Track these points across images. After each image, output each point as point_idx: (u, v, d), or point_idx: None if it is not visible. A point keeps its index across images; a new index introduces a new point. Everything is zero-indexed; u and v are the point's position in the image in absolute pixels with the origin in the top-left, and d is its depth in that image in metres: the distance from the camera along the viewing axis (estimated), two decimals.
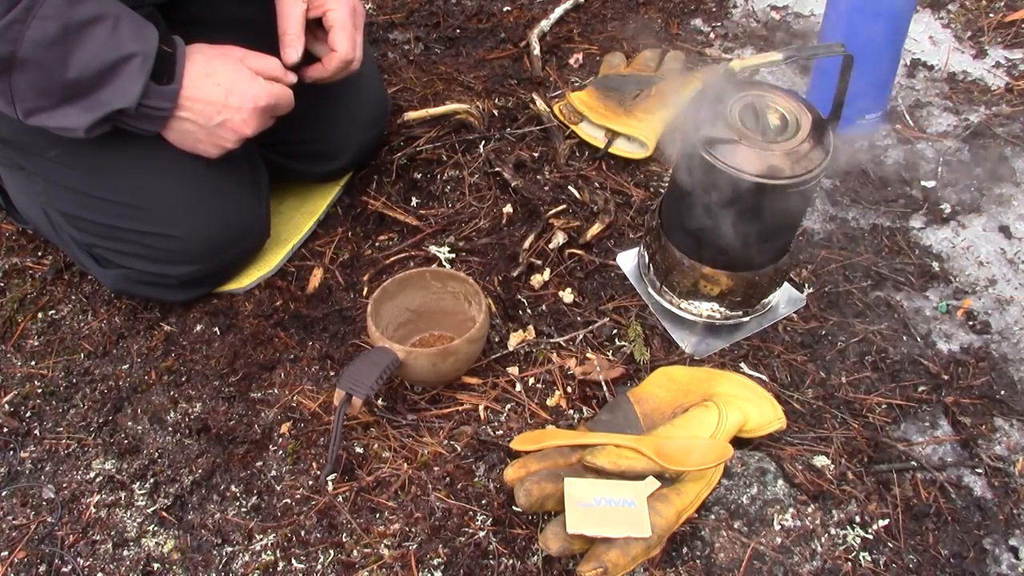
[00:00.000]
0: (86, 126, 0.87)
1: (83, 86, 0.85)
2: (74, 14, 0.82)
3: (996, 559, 0.89)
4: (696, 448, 0.87)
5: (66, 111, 0.86)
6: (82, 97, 0.86)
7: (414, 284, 1.05)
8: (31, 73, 0.83)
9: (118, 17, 0.86)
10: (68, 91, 0.85)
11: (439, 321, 1.08)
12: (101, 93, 0.86)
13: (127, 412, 1.04)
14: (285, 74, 1.01)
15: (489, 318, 1.02)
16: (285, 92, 1.00)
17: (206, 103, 0.94)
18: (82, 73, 0.84)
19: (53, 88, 0.84)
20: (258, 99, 0.96)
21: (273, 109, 0.99)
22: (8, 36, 0.80)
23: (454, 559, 0.89)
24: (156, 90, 0.90)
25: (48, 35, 0.81)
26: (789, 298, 1.11)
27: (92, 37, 0.84)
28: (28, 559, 0.92)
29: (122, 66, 0.85)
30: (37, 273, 1.20)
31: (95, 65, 0.84)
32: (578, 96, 1.35)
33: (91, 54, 0.84)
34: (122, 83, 0.86)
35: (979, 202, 1.24)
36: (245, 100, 0.95)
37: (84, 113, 0.87)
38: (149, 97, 0.89)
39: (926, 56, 1.49)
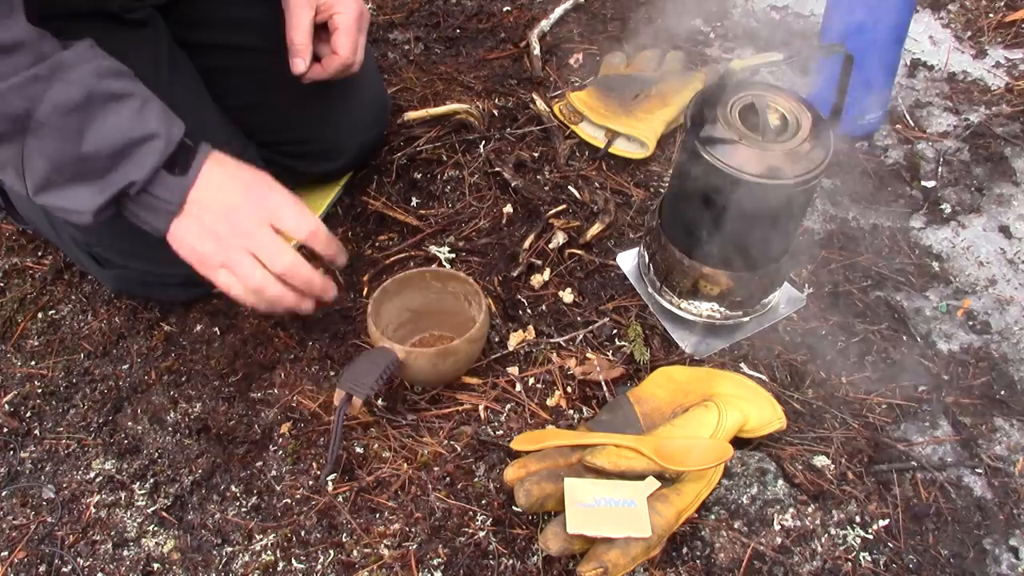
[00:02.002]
0: (95, 208, 0.81)
1: (98, 163, 0.79)
2: (101, 85, 0.79)
3: (996, 559, 0.89)
4: (696, 448, 0.87)
5: (76, 190, 0.80)
6: (95, 176, 0.80)
7: (414, 284, 1.05)
8: (46, 140, 0.77)
9: (147, 100, 0.82)
10: (82, 167, 0.79)
11: (440, 321, 1.08)
12: (114, 173, 0.80)
13: (127, 412, 1.04)
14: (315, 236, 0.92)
15: (489, 318, 1.02)
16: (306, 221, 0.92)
17: (215, 197, 0.86)
18: (100, 148, 0.79)
19: (67, 161, 0.79)
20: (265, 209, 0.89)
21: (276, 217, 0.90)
22: (28, 91, 0.75)
23: (454, 559, 0.89)
24: (166, 179, 0.83)
25: (71, 100, 0.77)
26: (789, 298, 1.11)
27: (116, 111, 0.80)
28: (28, 559, 0.92)
29: (141, 145, 0.80)
30: (37, 273, 1.20)
31: (114, 141, 0.79)
32: (578, 96, 1.35)
33: (112, 128, 0.79)
34: (136, 161, 0.80)
35: (979, 202, 1.24)
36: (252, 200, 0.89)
37: (96, 194, 0.81)
38: (157, 184, 0.83)
39: (926, 56, 1.49)
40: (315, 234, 0.92)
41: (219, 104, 1.10)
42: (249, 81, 1.12)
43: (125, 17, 0.96)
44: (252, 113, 1.13)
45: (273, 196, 0.90)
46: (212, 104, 1.09)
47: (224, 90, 1.10)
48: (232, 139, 1.10)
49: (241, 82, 1.11)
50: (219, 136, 1.07)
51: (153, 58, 0.99)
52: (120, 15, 0.95)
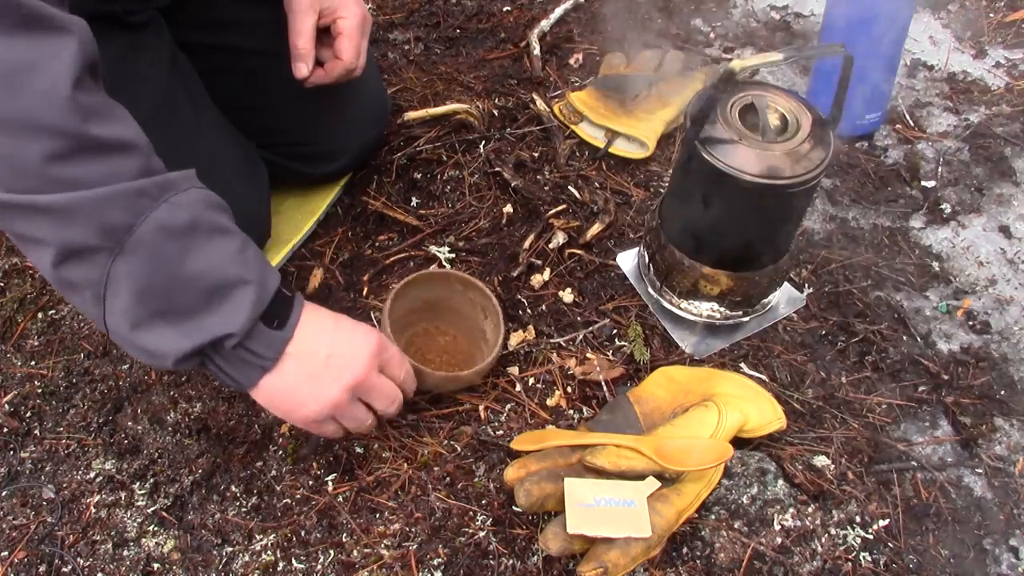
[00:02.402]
0: (178, 355, 0.72)
1: (190, 300, 0.71)
2: (208, 215, 0.72)
3: (996, 559, 0.89)
4: (696, 448, 0.87)
5: (161, 331, 0.71)
6: (184, 316, 0.71)
7: (438, 280, 1.06)
8: (139, 263, 0.68)
9: (247, 242, 0.76)
10: (172, 301, 0.71)
11: (450, 320, 1.08)
12: (207, 317, 0.71)
13: (127, 412, 1.04)
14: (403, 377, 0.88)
15: (501, 350, 1.01)
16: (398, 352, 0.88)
17: (313, 339, 0.79)
18: (196, 282, 0.70)
19: (158, 290, 0.70)
20: (369, 336, 0.83)
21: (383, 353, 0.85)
22: (134, 205, 0.67)
23: (454, 559, 0.89)
24: (263, 332, 0.75)
25: (177, 223, 0.69)
26: (789, 298, 1.11)
27: (219, 246, 0.72)
28: (28, 559, 0.92)
29: (238, 290, 0.72)
30: (37, 273, 1.20)
31: (212, 277, 0.71)
32: (578, 96, 1.35)
33: (212, 263, 0.71)
34: (233, 309, 0.72)
35: (979, 202, 1.24)
36: (354, 336, 0.83)
37: (181, 338, 0.71)
38: (253, 339, 0.74)
39: (926, 56, 1.49)
40: (410, 377, 0.89)
41: (219, 105, 1.10)
42: (250, 83, 1.12)
43: (127, 20, 0.96)
44: (252, 114, 1.13)
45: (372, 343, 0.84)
46: (213, 105, 1.09)
47: (225, 91, 1.10)
48: (232, 140, 1.10)
49: (242, 84, 1.12)
50: (219, 137, 1.07)
51: (155, 60, 0.99)
52: (122, 18, 0.95)
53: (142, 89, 0.94)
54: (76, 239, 0.67)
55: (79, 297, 0.71)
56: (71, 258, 0.68)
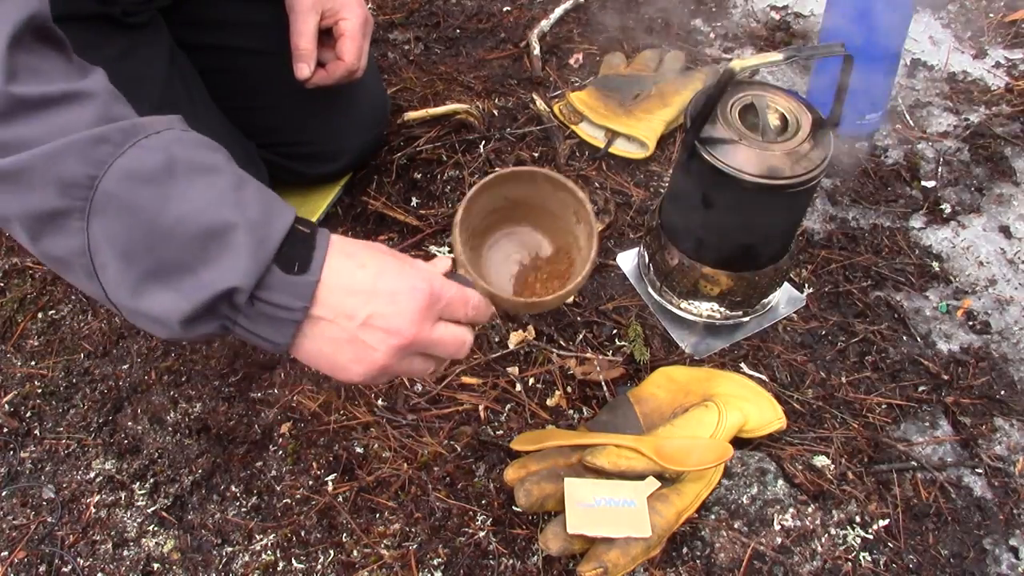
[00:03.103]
0: (182, 316, 0.60)
1: (178, 251, 0.60)
2: (187, 153, 0.62)
3: (996, 559, 0.89)
4: (696, 448, 0.87)
5: (157, 293, 0.61)
6: (177, 272, 0.60)
7: (522, 179, 0.87)
8: (113, 220, 0.59)
9: (245, 180, 0.64)
10: (159, 259, 0.60)
11: (537, 219, 0.90)
12: (203, 271, 0.60)
13: (127, 412, 1.04)
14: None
15: (594, 264, 0.83)
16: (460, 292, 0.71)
17: (347, 292, 0.65)
18: (177, 229, 0.60)
19: (139, 249, 0.60)
20: (416, 290, 0.67)
21: (439, 303, 0.69)
22: (92, 154, 0.59)
23: (454, 559, 0.89)
24: (283, 280, 0.62)
25: (146, 167, 0.60)
26: (789, 298, 1.11)
27: (205, 185, 0.61)
28: (28, 559, 0.92)
29: (234, 234, 0.60)
30: (37, 273, 1.20)
31: (200, 222, 0.60)
32: (578, 96, 1.35)
33: (197, 206, 0.60)
34: (234, 257, 0.60)
35: (979, 202, 1.24)
36: (400, 285, 0.67)
37: (180, 299, 0.60)
38: (271, 288, 0.62)
39: (926, 56, 1.49)
40: (480, 308, 0.74)
41: (219, 105, 1.10)
42: (250, 83, 1.12)
43: (127, 20, 0.96)
44: (252, 114, 1.13)
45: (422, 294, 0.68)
46: (213, 105, 1.09)
47: (225, 91, 1.10)
48: (232, 140, 1.10)
49: (242, 84, 1.12)
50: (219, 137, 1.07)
51: (155, 60, 0.99)
52: (122, 19, 0.95)
53: (142, 89, 0.94)
54: (38, 205, 0.59)
55: (73, 275, 0.63)
56: (44, 229, 0.61)
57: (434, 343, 0.70)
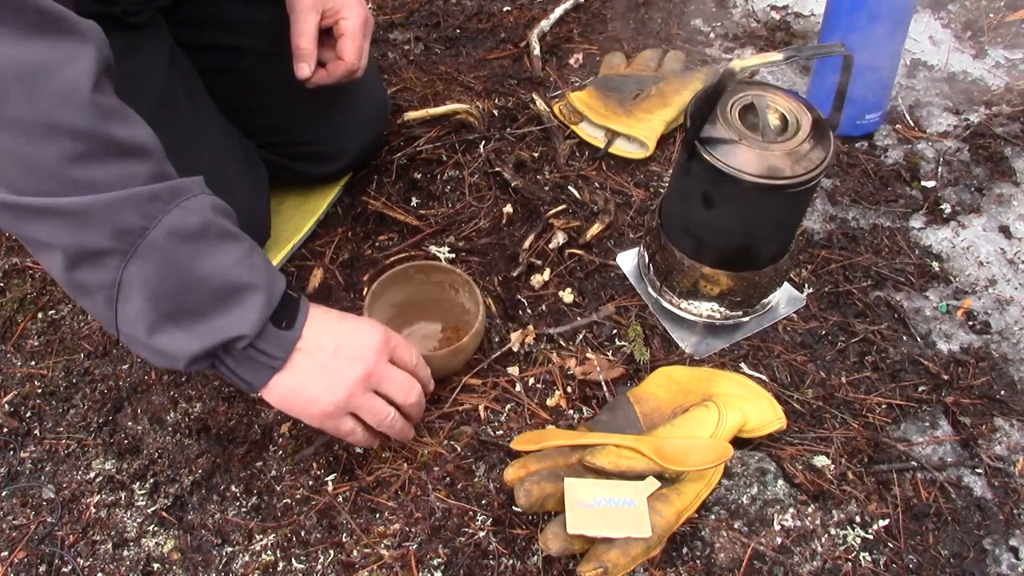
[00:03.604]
0: (190, 356, 0.73)
1: (201, 302, 0.72)
2: (218, 220, 0.73)
3: (996, 559, 0.89)
4: (696, 448, 0.87)
5: (173, 333, 0.72)
6: (194, 318, 0.72)
7: (399, 280, 1.04)
8: (151, 267, 0.69)
9: (254, 246, 0.77)
10: (182, 305, 0.72)
11: (424, 311, 1.08)
12: (217, 319, 0.72)
13: (127, 412, 1.04)
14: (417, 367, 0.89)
15: (484, 306, 1.01)
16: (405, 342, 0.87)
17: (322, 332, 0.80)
18: (207, 285, 0.71)
19: (169, 293, 0.71)
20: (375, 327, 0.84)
21: (390, 341, 0.85)
22: (147, 209, 0.68)
23: (454, 559, 0.89)
24: (273, 333, 0.76)
25: (188, 227, 0.70)
26: (789, 298, 1.11)
27: (228, 250, 0.73)
28: (28, 559, 0.92)
29: (248, 294, 0.73)
30: (37, 273, 1.20)
31: (221, 280, 0.72)
32: (578, 96, 1.35)
33: (223, 267, 0.72)
34: (243, 312, 0.73)
35: (979, 202, 1.24)
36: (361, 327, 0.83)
37: (192, 340, 0.72)
38: (264, 339, 0.75)
39: (926, 56, 1.49)
40: (422, 363, 0.90)
41: (220, 105, 1.10)
42: (250, 83, 1.12)
43: (127, 20, 0.96)
44: (252, 114, 1.13)
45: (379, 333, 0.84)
46: (213, 105, 1.09)
47: (225, 91, 1.10)
48: (232, 140, 1.10)
49: (242, 84, 1.12)
50: (219, 137, 1.07)
51: (155, 60, 0.99)
52: (122, 18, 0.95)
53: (142, 89, 0.94)
54: (90, 242, 0.67)
55: (90, 300, 0.71)
56: (84, 261, 0.68)
57: (390, 377, 0.84)
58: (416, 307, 1.08)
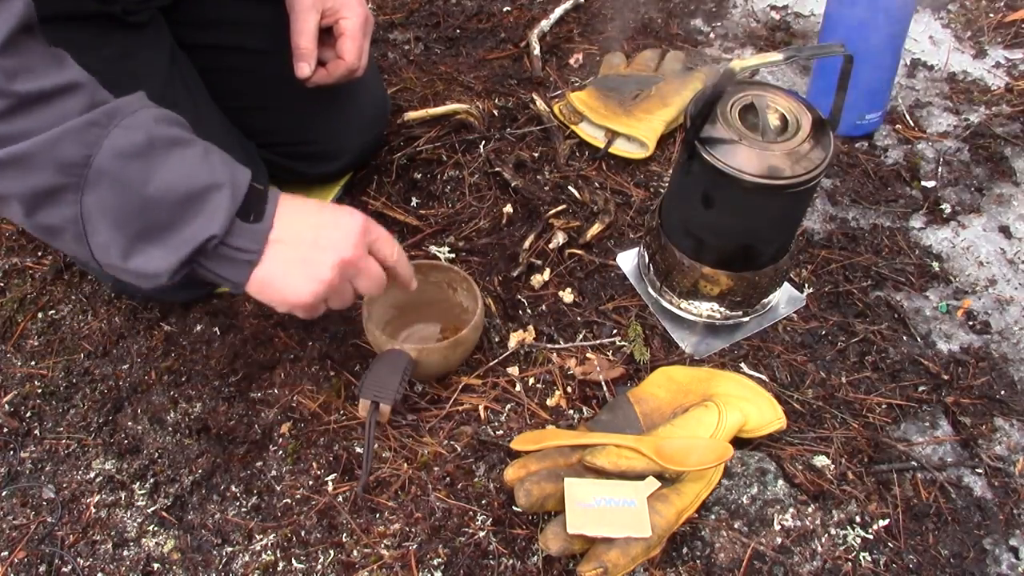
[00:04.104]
0: (171, 269, 0.73)
1: (165, 215, 0.72)
2: (162, 130, 0.73)
3: (996, 559, 0.89)
4: (696, 448, 0.87)
5: (148, 252, 0.73)
6: (164, 232, 0.73)
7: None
8: (106, 193, 0.70)
9: (208, 146, 0.76)
10: (148, 221, 0.72)
11: (423, 313, 1.08)
12: (184, 228, 0.73)
13: (127, 412, 1.04)
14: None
15: (484, 302, 1.03)
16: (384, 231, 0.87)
17: (300, 223, 0.80)
18: (166, 196, 0.71)
19: (131, 215, 0.71)
20: (354, 215, 0.83)
21: (370, 233, 0.84)
22: (86, 137, 0.68)
23: (454, 559, 0.89)
24: (242, 228, 0.76)
25: (133, 145, 0.70)
26: (789, 298, 1.11)
27: (181, 157, 0.73)
28: (28, 559, 0.92)
29: (210, 194, 0.73)
30: (37, 273, 1.20)
31: (181, 188, 0.72)
32: (578, 96, 1.35)
33: (178, 175, 0.72)
34: (209, 212, 0.73)
35: (979, 202, 1.24)
36: (339, 215, 0.83)
37: (168, 254, 0.73)
38: (234, 235, 0.75)
39: (926, 56, 1.49)
40: (403, 258, 0.88)
41: (219, 105, 1.10)
42: (250, 82, 1.12)
43: (127, 20, 0.96)
44: (252, 114, 1.13)
45: (359, 223, 0.84)
46: (213, 105, 1.09)
47: (225, 91, 1.10)
48: (232, 140, 1.10)
49: (242, 83, 1.12)
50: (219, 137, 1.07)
51: (154, 60, 0.99)
52: (122, 18, 0.95)
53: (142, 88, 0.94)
54: (40, 183, 0.68)
55: (61, 240, 0.73)
56: (41, 203, 0.70)
57: (365, 270, 0.83)
58: (415, 308, 1.08)
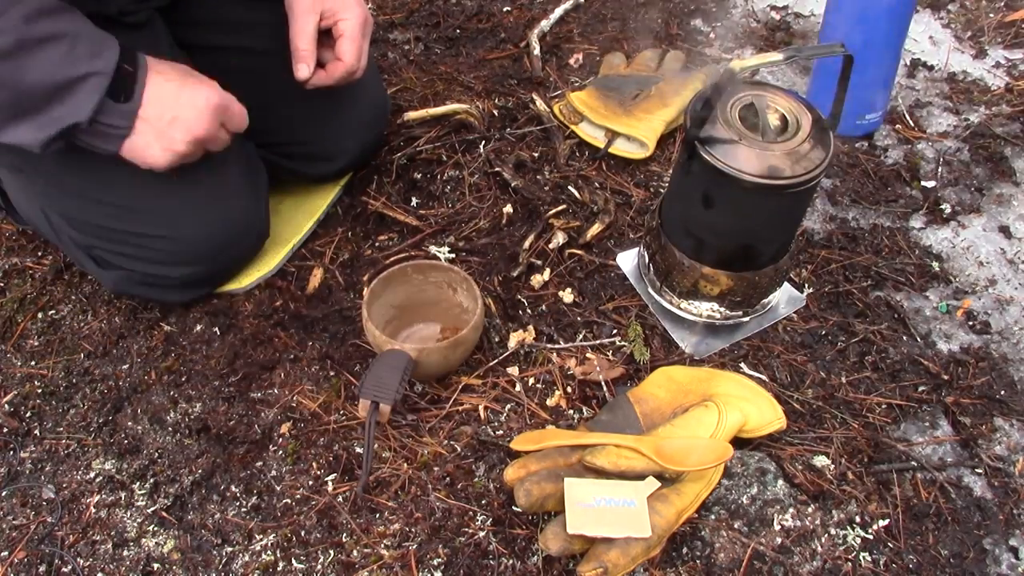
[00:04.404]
0: (40, 142, 0.85)
1: (35, 103, 0.82)
2: (30, 31, 0.79)
3: (996, 559, 0.89)
4: (696, 448, 0.87)
5: (19, 128, 0.84)
6: (34, 113, 0.83)
7: (396, 280, 1.05)
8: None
9: (76, 35, 0.83)
10: (20, 107, 0.83)
11: (423, 313, 1.09)
12: (54, 111, 0.83)
13: (127, 412, 1.04)
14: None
15: (484, 302, 1.03)
16: (237, 104, 0.98)
17: (159, 102, 0.90)
18: (35, 89, 0.81)
19: (6, 105, 0.82)
20: (210, 98, 0.93)
21: (225, 111, 0.95)
22: None
23: (454, 559, 0.89)
24: (113, 108, 0.86)
25: (2, 48, 0.78)
26: (789, 298, 1.11)
27: (48, 54, 0.81)
28: (28, 559, 0.92)
29: (78, 85, 0.83)
30: (37, 273, 1.20)
31: (49, 82, 0.81)
32: (578, 96, 1.35)
33: (46, 71, 0.81)
34: (77, 101, 0.83)
35: (979, 202, 1.24)
36: (196, 98, 0.92)
37: (37, 130, 0.84)
38: (105, 114, 0.86)
39: (926, 56, 1.49)
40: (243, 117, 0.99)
41: None
42: (249, 83, 1.11)
43: (124, 20, 0.96)
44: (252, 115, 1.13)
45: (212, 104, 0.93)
46: None
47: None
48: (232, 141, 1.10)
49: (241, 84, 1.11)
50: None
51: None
52: (119, 18, 0.95)
53: None
54: None
55: None
56: None
57: (216, 140, 0.96)
58: (415, 308, 1.08)
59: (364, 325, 1.00)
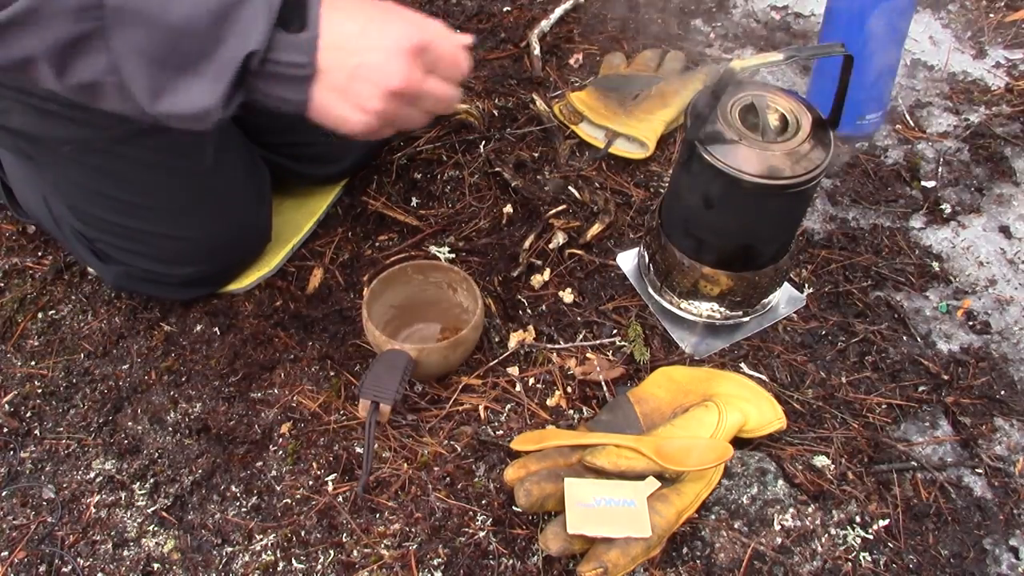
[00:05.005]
0: (220, 97, 0.68)
1: (199, 40, 0.66)
2: None
3: (996, 559, 0.89)
4: (696, 448, 0.87)
5: (191, 85, 0.67)
6: (204, 59, 0.67)
7: (397, 280, 1.05)
8: (129, 29, 0.65)
9: None
10: (182, 54, 0.66)
11: (423, 313, 1.09)
12: (222, 49, 0.66)
13: (127, 412, 1.04)
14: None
15: (484, 302, 1.03)
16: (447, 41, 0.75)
17: (340, 47, 0.70)
18: (191, 21, 0.65)
19: (162, 48, 0.66)
20: (402, 38, 0.71)
21: (427, 52, 0.73)
22: None
23: (454, 559, 0.89)
24: (288, 41, 0.68)
25: None
26: (789, 298, 1.11)
27: None
28: (28, 559, 0.92)
29: (239, 9, 0.66)
30: (37, 273, 1.20)
31: (203, 9, 0.65)
32: (578, 96, 1.35)
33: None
34: (243, 26, 0.66)
35: (979, 202, 1.24)
36: (385, 36, 0.71)
37: (213, 81, 0.67)
38: (280, 49, 0.68)
39: (926, 56, 1.49)
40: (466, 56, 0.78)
41: None
42: None
43: None
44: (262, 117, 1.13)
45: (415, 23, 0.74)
46: None
47: None
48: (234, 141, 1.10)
49: None
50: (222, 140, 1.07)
51: None
52: None
53: None
54: (59, 35, 0.64)
55: (106, 99, 0.68)
56: (69, 58, 0.66)
57: (425, 94, 0.74)
58: (415, 308, 1.08)
59: (364, 325, 1.00)
